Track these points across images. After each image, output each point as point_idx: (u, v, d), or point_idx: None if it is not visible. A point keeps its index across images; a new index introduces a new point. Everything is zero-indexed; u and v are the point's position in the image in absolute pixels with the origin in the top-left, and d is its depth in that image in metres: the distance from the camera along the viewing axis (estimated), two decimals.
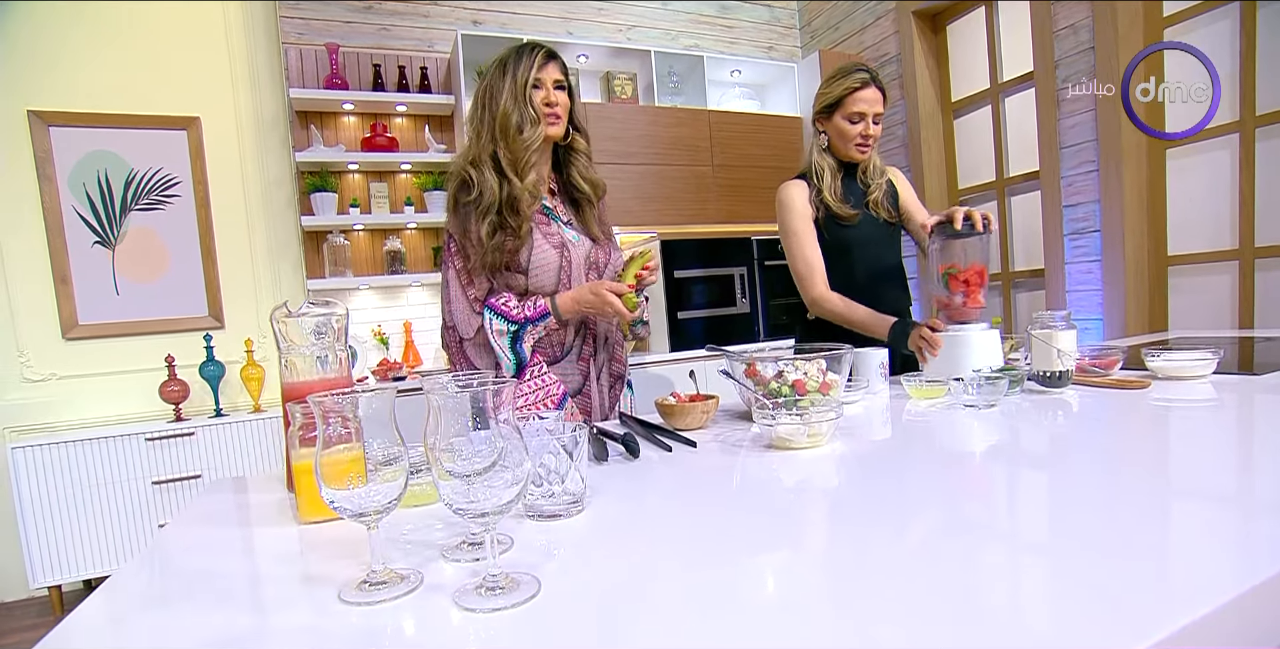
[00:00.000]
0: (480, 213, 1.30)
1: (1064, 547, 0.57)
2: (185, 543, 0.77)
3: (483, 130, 1.35)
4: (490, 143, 1.34)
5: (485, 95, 1.36)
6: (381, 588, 0.55)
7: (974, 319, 1.39)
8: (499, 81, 1.35)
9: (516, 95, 1.33)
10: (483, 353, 1.36)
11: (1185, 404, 1.12)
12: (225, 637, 0.51)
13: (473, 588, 0.54)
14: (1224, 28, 2.43)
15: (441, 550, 0.65)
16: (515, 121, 1.33)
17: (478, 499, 0.53)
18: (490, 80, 1.37)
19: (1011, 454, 0.95)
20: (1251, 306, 2.45)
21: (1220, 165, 2.50)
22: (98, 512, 2.56)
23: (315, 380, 0.94)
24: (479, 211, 1.30)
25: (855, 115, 1.62)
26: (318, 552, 0.69)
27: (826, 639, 0.44)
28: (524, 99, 1.33)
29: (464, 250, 1.34)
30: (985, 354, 1.35)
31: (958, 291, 1.37)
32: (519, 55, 1.36)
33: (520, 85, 1.33)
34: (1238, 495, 0.69)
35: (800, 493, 0.81)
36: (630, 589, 0.55)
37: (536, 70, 1.34)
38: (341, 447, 0.58)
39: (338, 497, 0.56)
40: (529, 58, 1.35)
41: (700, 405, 1.15)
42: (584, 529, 0.69)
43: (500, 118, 1.33)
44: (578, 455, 0.72)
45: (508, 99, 1.33)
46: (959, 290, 1.37)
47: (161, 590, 0.64)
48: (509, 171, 1.32)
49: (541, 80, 1.35)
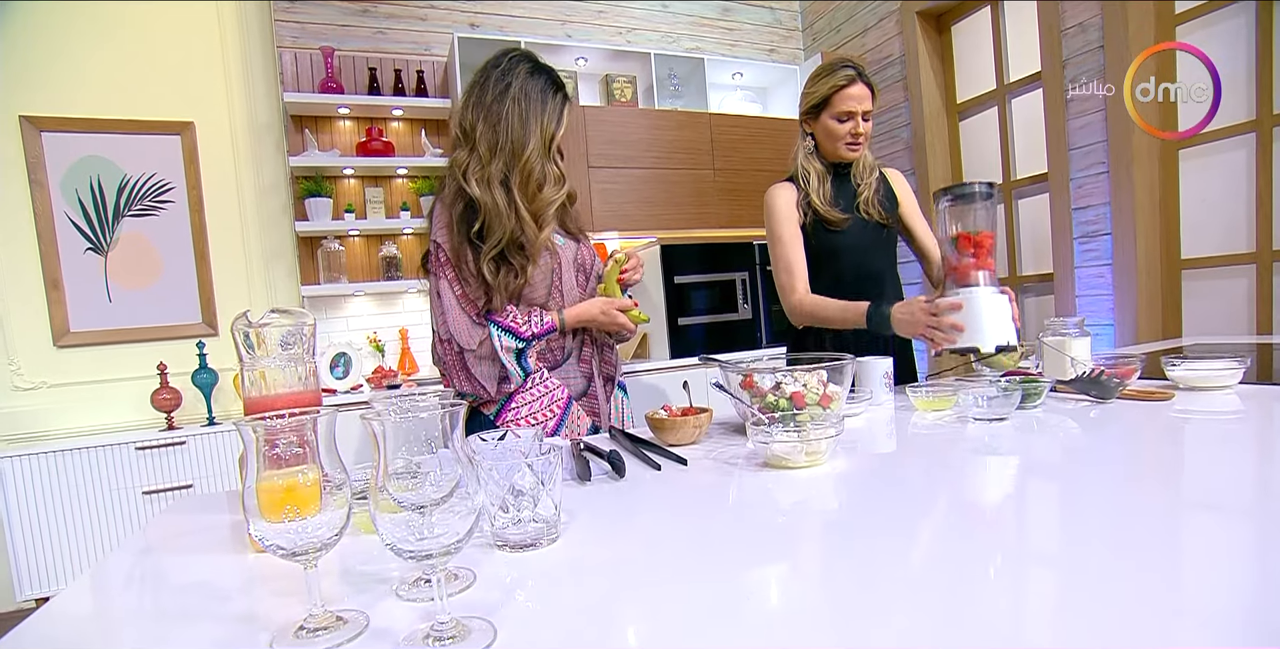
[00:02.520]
0: (487, 251, 1.24)
1: (1074, 569, 0.52)
2: (124, 573, 0.71)
3: (498, 151, 1.27)
4: (503, 169, 1.27)
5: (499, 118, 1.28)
6: (320, 635, 0.49)
7: (986, 283, 1.30)
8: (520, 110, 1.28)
9: (543, 148, 1.29)
10: (486, 364, 1.29)
11: (1211, 416, 1.05)
12: None
13: (421, 637, 0.47)
14: (1239, 25, 2.36)
15: (395, 586, 0.58)
16: (539, 174, 1.28)
17: (426, 536, 0.47)
18: (508, 104, 1.28)
19: (1024, 472, 0.88)
20: (1270, 311, 2.37)
21: (1235, 166, 2.43)
22: (87, 522, 2.51)
23: (283, 394, 0.89)
24: (487, 250, 1.24)
25: (844, 114, 1.54)
26: (261, 586, 0.63)
27: None
28: (548, 155, 1.30)
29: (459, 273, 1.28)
30: (997, 313, 1.25)
31: (967, 251, 1.28)
32: (545, 93, 1.30)
33: (547, 139, 1.29)
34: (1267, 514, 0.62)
35: (798, 517, 0.74)
36: (600, 630, 0.49)
37: (562, 127, 1.31)
38: (277, 472, 0.52)
39: (270, 533, 0.50)
40: (557, 107, 1.31)
41: (693, 419, 1.08)
42: (556, 561, 0.63)
43: (525, 162, 1.27)
44: (550, 478, 0.65)
45: (536, 149, 1.27)
46: (968, 251, 1.28)
47: (85, 630, 0.58)
48: (527, 217, 1.26)
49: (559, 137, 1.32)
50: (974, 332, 1.24)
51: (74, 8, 2.77)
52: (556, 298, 1.34)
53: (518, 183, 1.27)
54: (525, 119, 1.28)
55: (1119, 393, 1.20)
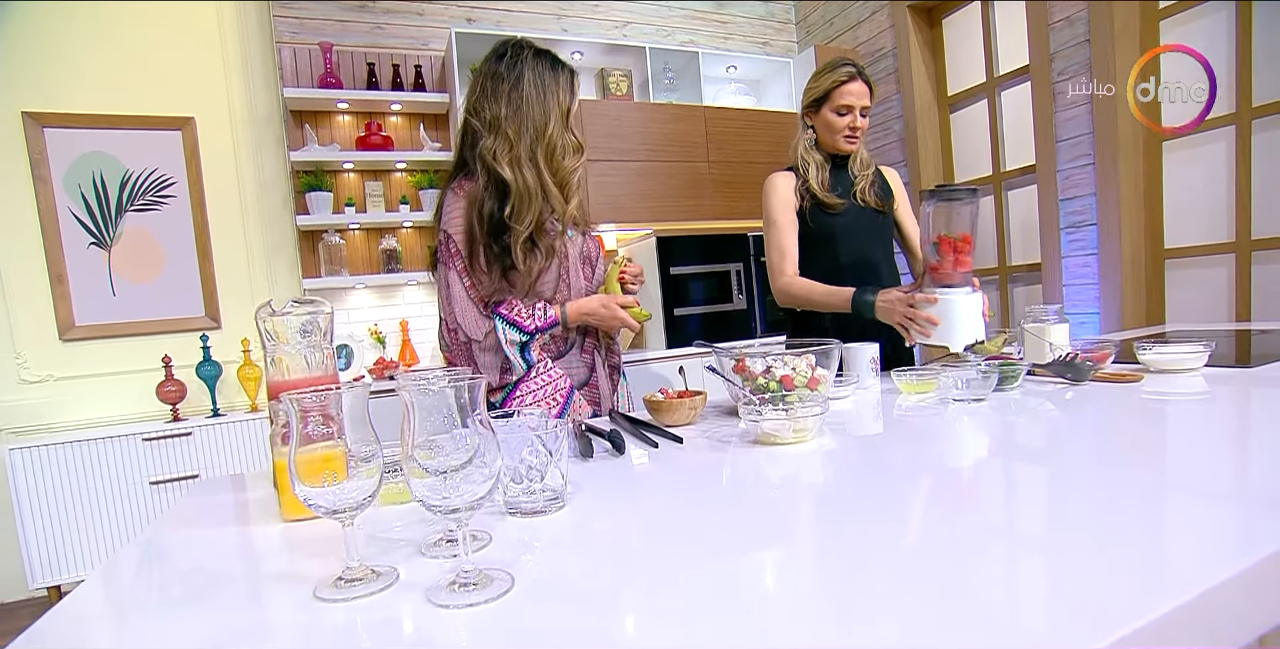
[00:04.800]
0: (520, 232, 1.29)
1: (1055, 539, 0.57)
2: (166, 542, 0.77)
3: (523, 131, 1.33)
4: (530, 148, 1.33)
5: (521, 102, 1.33)
6: (356, 585, 0.55)
7: (960, 283, 1.40)
8: (538, 84, 1.34)
9: (563, 120, 1.36)
10: (490, 355, 1.34)
11: (1176, 397, 1.12)
12: (200, 635, 0.51)
13: (446, 584, 0.53)
14: (1220, 20, 2.42)
15: (420, 547, 0.64)
16: (561, 146, 1.35)
17: (450, 495, 0.52)
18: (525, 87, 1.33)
19: (1000, 448, 0.95)
20: (1249, 299, 2.44)
21: (1217, 158, 2.49)
22: (95, 512, 2.56)
23: (301, 378, 0.94)
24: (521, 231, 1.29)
25: (843, 108, 1.64)
26: (298, 550, 0.69)
27: (814, 637, 0.43)
28: (567, 126, 1.37)
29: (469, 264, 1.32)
30: (969, 316, 1.38)
31: (947, 255, 1.38)
32: (554, 71, 1.36)
33: (564, 112, 1.37)
34: (1220, 485, 0.68)
35: (785, 489, 0.80)
36: (604, 584, 0.55)
37: (574, 98, 1.38)
38: (319, 444, 0.58)
39: (312, 494, 0.56)
40: (567, 81, 1.37)
41: (688, 401, 1.14)
42: (563, 525, 0.69)
43: (549, 138, 1.34)
44: (557, 452, 0.71)
45: (556, 123, 1.34)
46: (949, 254, 1.38)
47: (137, 591, 0.64)
48: (554, 189, 1.33)
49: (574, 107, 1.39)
50: (947, 332, 1.37)
51: (74, 5, 2.80)
52: (564, 290, 1.40)
53: (544, 158, 1.33)
54: (543, 97, 1.34)
55: (1092, 375, 1.26)
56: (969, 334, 1.38)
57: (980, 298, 1.40)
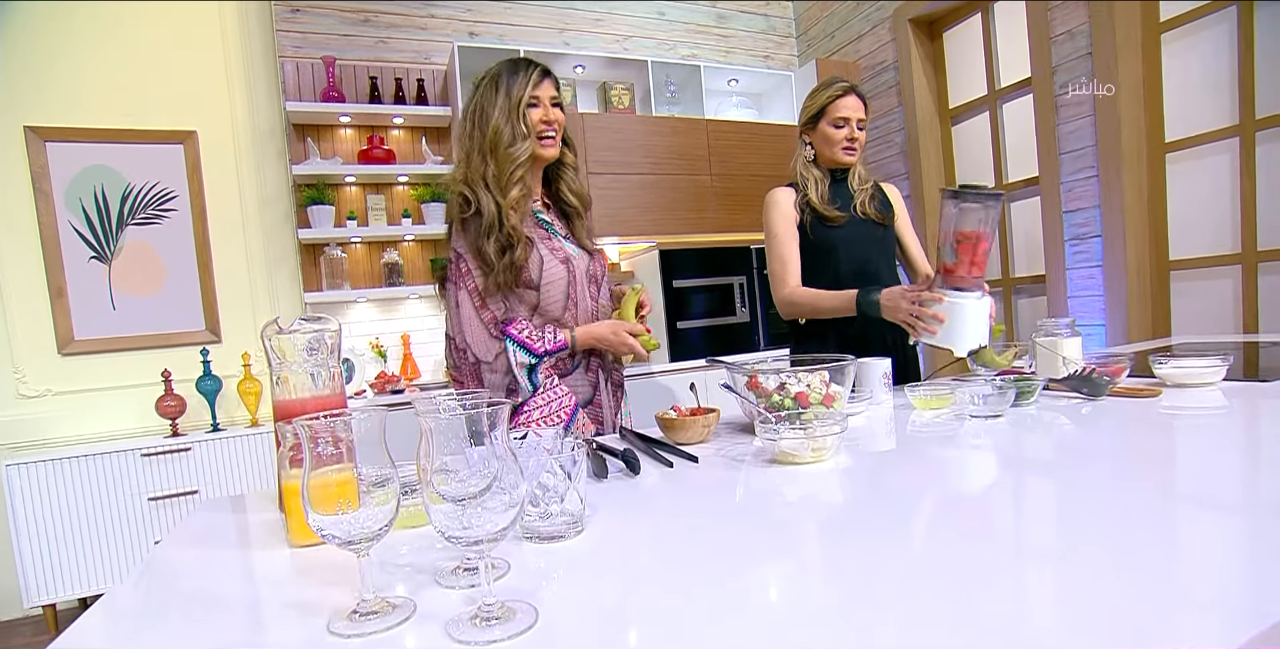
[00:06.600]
0: (484, 231, 1.29)
1: (1072, 561, 0.55)
2: (177, 563, 0.75)
3: (473, 150, 1.33)
4: (482, 163, 1.32)
5: (476, 113, 1.35)
6: (372, 618, 0.53)
7: (972, 287, 1.38)
8: (490, 97, 1.34)
9: (510, 112, 1.32)
10: (498, 376, 1.33)
11: (1195, 411, 1.10)
12: None
13: (467, 618, 0.51)
14: (1223, 32, 2.42)
15: (436, 576, 0.62)
16: (506, 138, 1.32)
17: (471, 525, 0.50)
18: (480, 97, 1.35)
19: (1019, 466, 0.93)
20: (1255, 310, 2.43)
21: (1220, 169, 2.49)
22: (93, 529, 2.53)
23: (308, 398, 0.92)
24: (483, 230, 1.29)
25: (839, 120, 1.67)
26: (308, 577, 0.67)
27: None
28: (517, 117, 1.33)
29: (480, 268, 1.32)
30: (976, 321, 1.36)
31: (965, 258, 1.35)
32: (513, 72, 1.35)
33: (515, 103, 1.33)
34: (1245, 503, 0.66)
35: (805, 510, 0.78)
36: (631, 614, 0.53)
37: (533, 88, 1.34)
38: (331, 468, 0.56)
39: (325, 523, 0.53)
40: (524, 75, 1.34)
41: (701, 419, 1.12)
42: (583, 551, 0.67)
43: (491, 135, 1.32)
44: (576, 475, 0.69)
45: (499, 116, 1.32)
46: (966, 257, 1.35)
47: (154, 613, 0.62)
48: (493, 188, 1.31)
49: (539, 98, 1.35)
50: (954, 335, 1.35)
51: (76, 16, 2.80)
52: (571, 309, 1.38)
53: (491, 156, 1.31)
54: (495, 96, 1.33)
55: (1109, 390, 1.24)
56: (974, 339, 1.37)
57: (989, 303, 1.39)
